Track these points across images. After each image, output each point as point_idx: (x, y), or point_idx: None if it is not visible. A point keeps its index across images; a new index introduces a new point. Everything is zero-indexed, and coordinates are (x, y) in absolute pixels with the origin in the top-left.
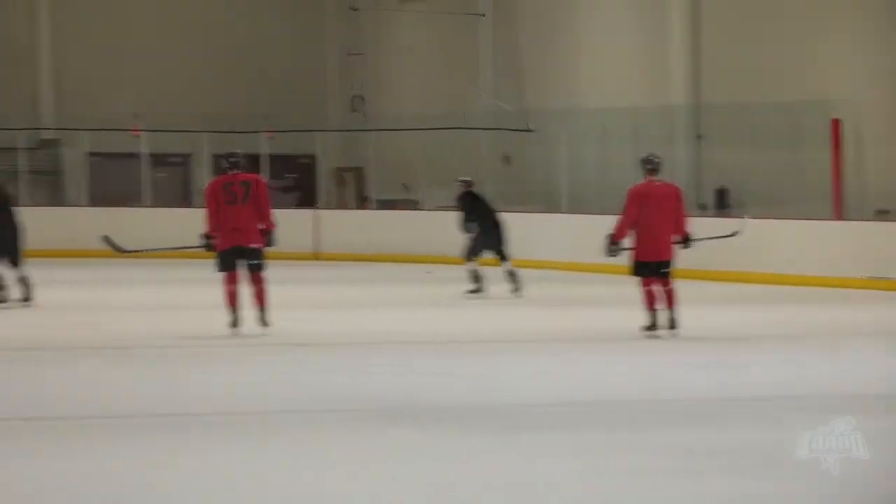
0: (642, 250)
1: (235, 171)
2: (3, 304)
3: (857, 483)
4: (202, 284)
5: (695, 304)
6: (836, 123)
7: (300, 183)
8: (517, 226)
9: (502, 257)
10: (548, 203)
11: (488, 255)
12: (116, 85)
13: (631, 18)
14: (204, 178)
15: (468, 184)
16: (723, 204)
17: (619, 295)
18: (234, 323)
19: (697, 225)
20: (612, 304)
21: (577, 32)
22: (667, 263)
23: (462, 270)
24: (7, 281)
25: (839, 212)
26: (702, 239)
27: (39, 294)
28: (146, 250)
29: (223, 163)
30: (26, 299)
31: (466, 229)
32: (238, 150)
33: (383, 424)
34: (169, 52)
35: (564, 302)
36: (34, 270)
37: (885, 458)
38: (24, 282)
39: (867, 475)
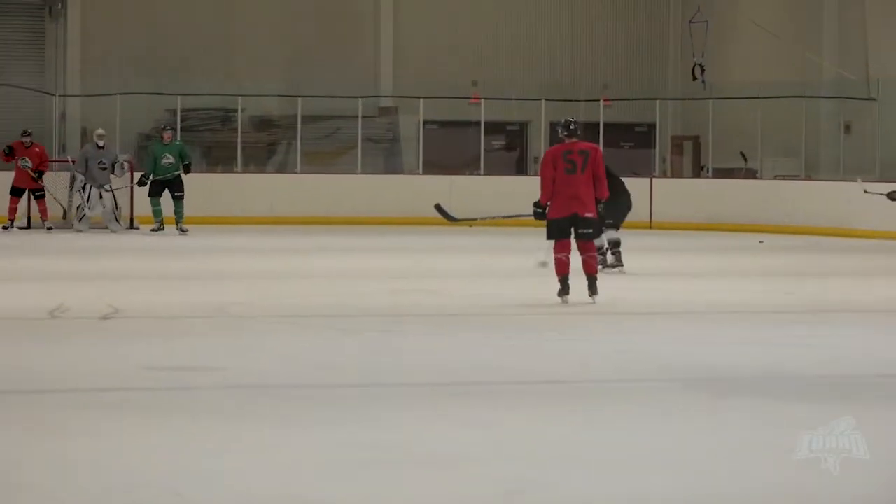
0: None
1: (573, 140)
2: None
3: None
4: (533, 253)
5: None
6: None
7: (636, 151)
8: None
9: None
10: (888, 172)
11: None
12: (454, 52)
13: None
14: (541, 146)
15: None
16: None
17: None
18: (564, 291)
19: None
20: None
21: None
22: None
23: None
24: None
25: None
26: None
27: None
28: (478, 219)
29: (560, 131)
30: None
31: None
32: (576, 119)
33: (724, 393)
34: (506, 19)
35: None
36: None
37: None
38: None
39: None
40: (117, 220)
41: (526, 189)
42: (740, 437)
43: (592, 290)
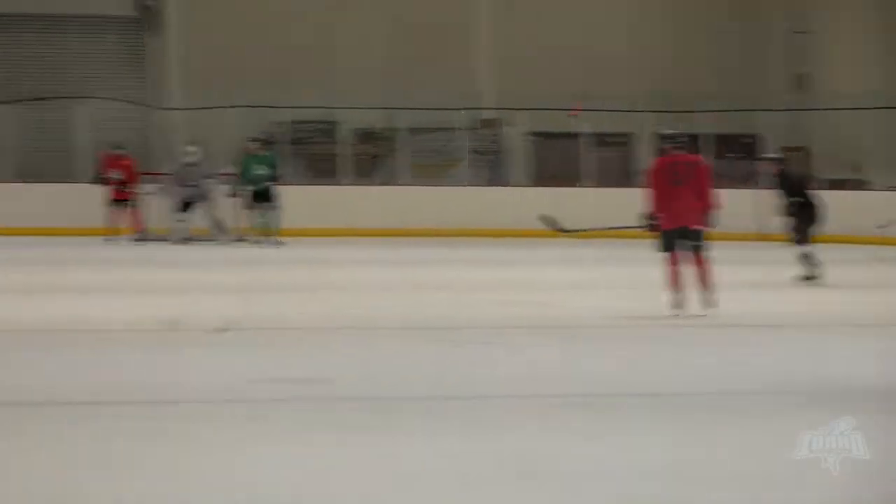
0: None
1: (679, 151)
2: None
3: None
4: (640, 264)
5: None
6: None
7: (742, 163)
8: None
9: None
10: None
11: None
12: (557, 63)
13: None
14: (646, 158)
15: (780, 161)
16: None
17: None
18: (677, 304)
19: None
20: None
21: None
22: None
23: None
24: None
25: None
26: None
27: (473, 273)
28: (585, 230)
29: (665, 143)
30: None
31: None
32: (681, 131)
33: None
34: (610, 31)
35: None
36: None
37: None
38: (806, 259)
39: None
40: (221, 232)
41: (630, 200)
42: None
43: (705, 301)
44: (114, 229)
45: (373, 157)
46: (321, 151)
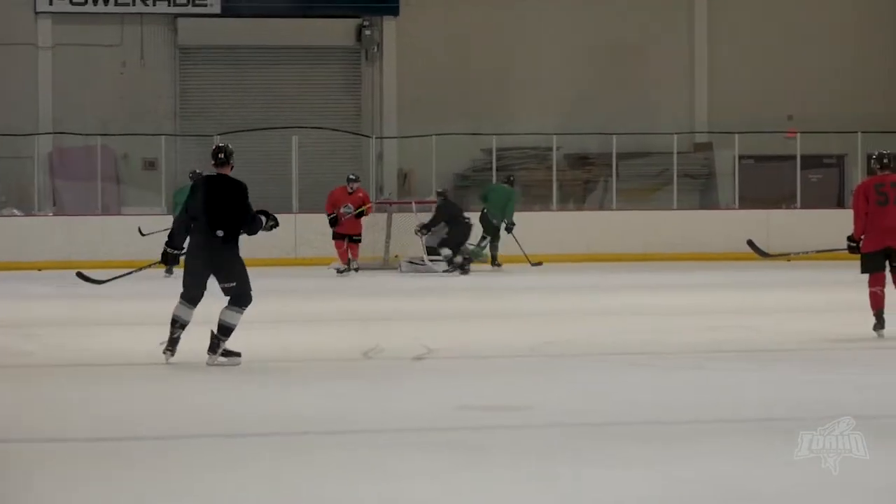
0: None
1: (886, 172)
2: None
3: None
4: (847, 287)
5: None
6: None
7: None
8: None
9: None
10: None
11: None
12: (769, 86)
13: None
14: (858, 179)
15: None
16: None
17: None
18: (880, 325)
19: None
20: None
21: None
22: None
23: None
24: None
25: None
26: None
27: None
28: (793, 254)
29: (872, 164)
30: None
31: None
32: (890, 152)
33: None
34: (821, 52)
35: None
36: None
37: None
38: None
39: None
40: (422, 262)
41: (843, 222)
42: None
43: None
44: (344, 261)
45: (585, 183)
46: (533, 178)
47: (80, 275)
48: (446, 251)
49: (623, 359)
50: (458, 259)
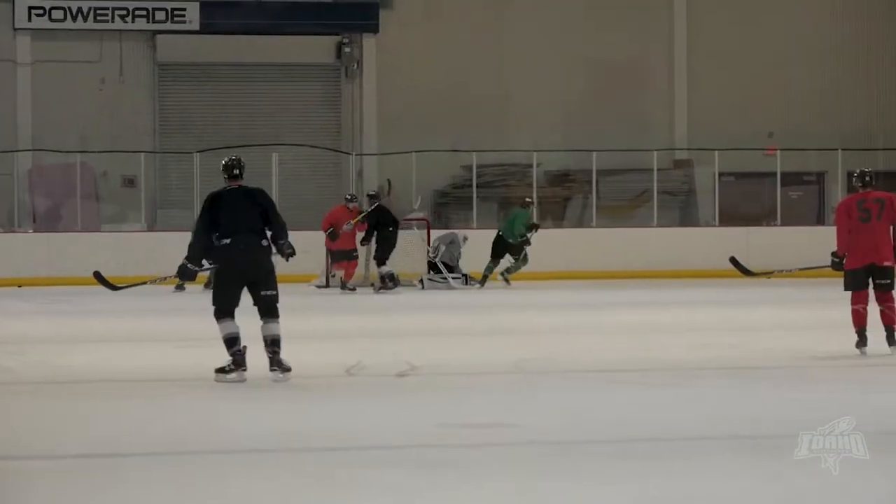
0: None
1: (868, 189)
2: None
3: None
4: (828, 304)
5: None
6: None
7: None
8: None
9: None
10: None
11: None
12: (748, 104)
13: None
14: (838, 196)
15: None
16: None
17: None
18: (862, 343)
19: None
20: None
21: None
22: None
23: None
24: None
25: None
26: None
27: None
28: (775, 272)
29: (854, 181)
30: None
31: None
32: (872, 169)
33: None
34: (800, 69)
35: None
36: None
37: None
38: None
39: None
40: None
41: (824, 240)
42: None
43: (892, 340)
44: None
45: (564, 200)
46: (512, 195)
47: (97, 275)
48: (385, 268)
49: (604, 376)
50: (385, 269)
